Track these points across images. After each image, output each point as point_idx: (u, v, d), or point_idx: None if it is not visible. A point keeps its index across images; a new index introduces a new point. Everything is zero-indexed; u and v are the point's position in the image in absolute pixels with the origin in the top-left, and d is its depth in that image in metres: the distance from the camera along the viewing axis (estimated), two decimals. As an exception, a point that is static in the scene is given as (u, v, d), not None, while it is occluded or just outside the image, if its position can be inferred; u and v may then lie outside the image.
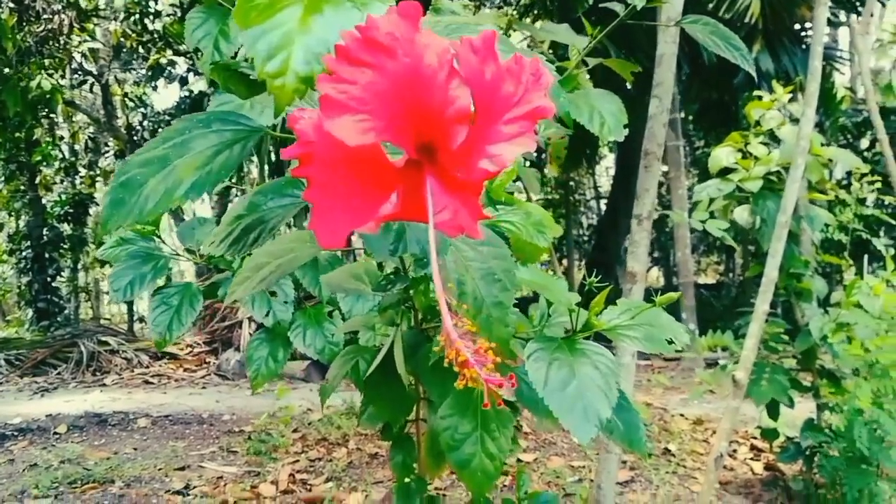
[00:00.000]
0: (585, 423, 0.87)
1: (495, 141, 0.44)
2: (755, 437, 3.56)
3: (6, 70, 6.20)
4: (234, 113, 0.68)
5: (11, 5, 5.90)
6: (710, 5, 6.18)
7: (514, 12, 6.79)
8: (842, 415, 2.62)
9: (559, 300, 1.03)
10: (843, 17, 7.39)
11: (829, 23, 7.51)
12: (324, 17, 0.50)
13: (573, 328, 1.05)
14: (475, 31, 0.48)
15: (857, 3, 6.54)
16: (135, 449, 3.89)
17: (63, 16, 6.19)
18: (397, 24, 0.40)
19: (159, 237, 1.59)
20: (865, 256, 2.87)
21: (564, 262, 10.79)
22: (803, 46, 6.58)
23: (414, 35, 0.40)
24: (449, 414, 1.03)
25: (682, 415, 4.32)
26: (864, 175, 2.79)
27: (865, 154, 6.08)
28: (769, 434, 2.77)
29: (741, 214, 2.62)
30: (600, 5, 1.67)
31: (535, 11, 6.58)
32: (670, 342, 1.05)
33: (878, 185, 2.87)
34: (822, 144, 2.69)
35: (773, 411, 2.67)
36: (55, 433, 4.21)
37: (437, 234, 0.71)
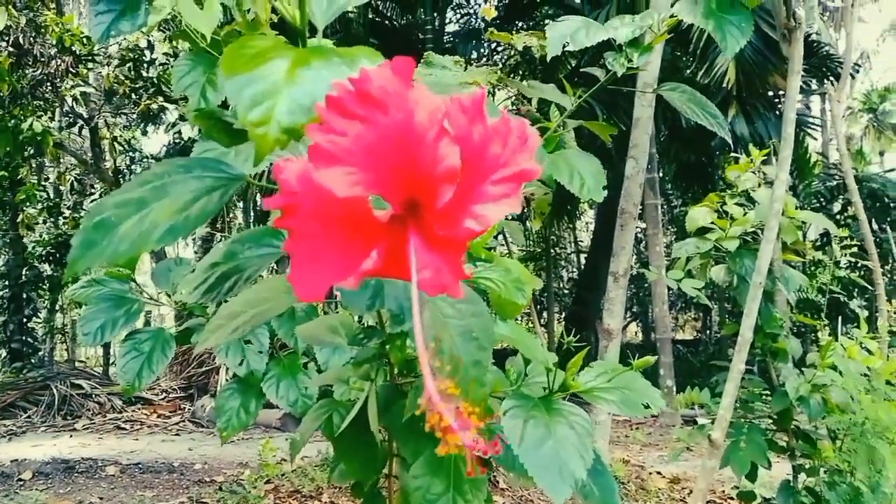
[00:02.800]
0: (560, 483, 0.87)
1: (481, 201, 0.44)
2: (732, 498, 3.52)
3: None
4: (216, 160, 0.68)
5: (11, 49, 5.96)
6: (688, 71, 6.38)
7: (501, 72, 6.96)
8: (818, 477, 2.61)
9: (536, 358, 1.04)
10: (814, 85, 7.65)
11: (801, 90, 7.77)
12: (311, 70, 0.50)
13: (549, 388, 1.05)
14: (464, 89, 0.49)
15: (828, 73, 6.78)
16: (101, 498, 3.77)
17: (59, 60, 6.25)
18: (390, 78, 0.40)
19: (134, 280, 1.56)
20: (839, 318, 2.91)
21: (544, 315, 10.79)
22: (776, 112, 6.78)
23: (406, 91, 0.40)
24: (421, 473, 1.02)
25: (659, 472, 4.28)
26: (843, 239, 2.85)
27: (838, 218, 6.23)
28: (746, 496, 2.75)
29: (718, 273, 2.65)
30: (582, 70, 1.73)
31: (521, 72, 6.75)
32: (646, 406, 1.07)
33: (855, 248, 2.93)
34: (796, 207, 2.75)
35: (750, 473, 2.65)
36: (19, 479, 4.08)
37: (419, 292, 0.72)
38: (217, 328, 0.89)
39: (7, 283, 8.34)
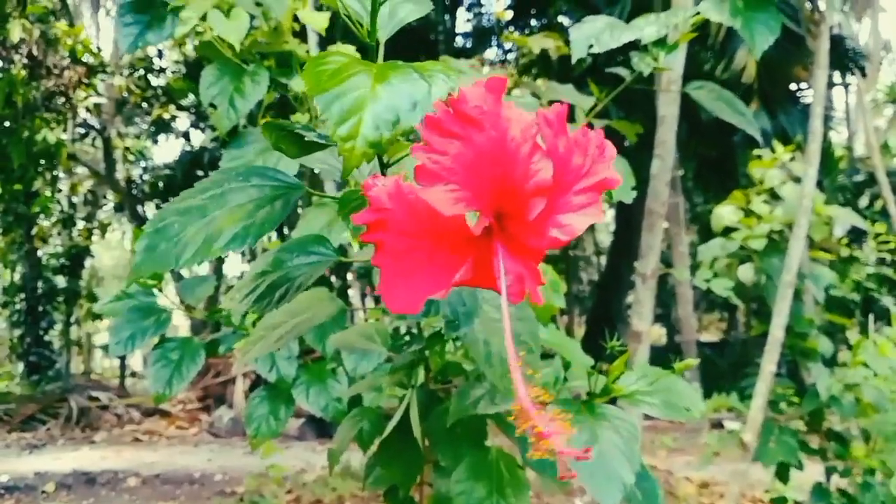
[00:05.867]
0: (610, 488, 0.86)
1: (566, 211, 0.45)
2: (762, 501, 3.47)
3: (13, 123, 6.27)
4: (272, 169, 0.68)
5: (25, 61, 6.00)
6: (707, 66, 6.32)
7: (515, 71, 6.94)
8: (851, 478, 2.56)
9: (577, 362, 1.02)
10: (836, 78, 7.55)
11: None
12: (391, 86, 0.53)
13: (591, 391, 1.03)
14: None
15: (852, 66, 6.68)
16: (123, 510, 3.78)
17: (71, 72, 6.29)
18: (484, 97, 0.42)
19: (160, 290, 1.56)
20: (871, 315, 2.85)
21: (565, 318, 10.73)
22: (799, 106, 6.69)
23: (499, 108, 0.42)
24: (464, 478, 1.01)
25: (687, 478, 4.23)
26: (878, 234, 2.81)
27: (864, 213, 6.14)
28: (779, 502, 2.70)
29: (745, 273, 2.61)
30: (601, 69, 1.71)
31: (534, 71, 6.72)
32: (688, 409, 1.04)
33: (893, 244, 2.88)
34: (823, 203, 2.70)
35: (782, 475, 2.60)
36: (43, 492, 4.09)
37: (476, 295, 0.70)
38: (259, 339, 0.88)
39: (24, 296, 8.37)
